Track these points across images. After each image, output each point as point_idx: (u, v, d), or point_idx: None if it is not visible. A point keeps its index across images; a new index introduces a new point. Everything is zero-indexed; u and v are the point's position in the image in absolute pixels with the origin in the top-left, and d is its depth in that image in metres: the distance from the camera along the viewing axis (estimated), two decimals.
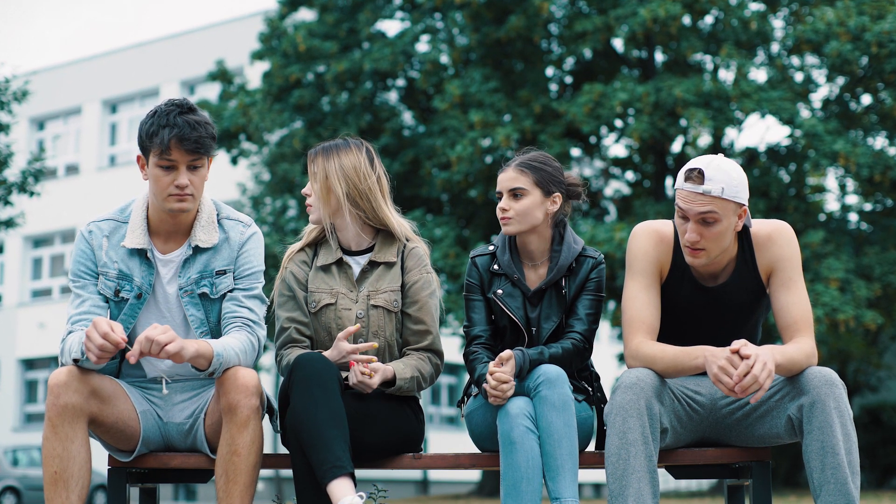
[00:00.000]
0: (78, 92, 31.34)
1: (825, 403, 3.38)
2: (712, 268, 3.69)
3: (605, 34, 17.36)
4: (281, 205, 19.05)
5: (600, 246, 15.44)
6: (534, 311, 3.94)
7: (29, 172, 14.60)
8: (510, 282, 3.96)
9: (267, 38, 19.91)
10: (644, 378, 3.47)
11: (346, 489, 3.41)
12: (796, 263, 3.64)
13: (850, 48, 15.88)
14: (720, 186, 3.48)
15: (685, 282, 3.71)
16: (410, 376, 3.85)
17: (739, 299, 3.71)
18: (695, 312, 3.73)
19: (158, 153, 3.59)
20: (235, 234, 3.81)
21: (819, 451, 3.37)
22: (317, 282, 3.98)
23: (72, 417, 3.46)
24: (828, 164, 16.26)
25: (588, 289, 3.95)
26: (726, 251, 3.64)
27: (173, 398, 3.80)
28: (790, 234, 3.67)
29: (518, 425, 3.58)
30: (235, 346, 3.59)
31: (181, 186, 3.62)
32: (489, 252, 4.03)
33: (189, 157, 3.61)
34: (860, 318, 15.54)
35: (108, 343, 3.36)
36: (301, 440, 3.53)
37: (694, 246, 3.55)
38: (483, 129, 16.92)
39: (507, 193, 3.93)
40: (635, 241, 3.73)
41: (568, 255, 3.94)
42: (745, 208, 3.56)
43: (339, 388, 3.60)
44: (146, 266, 3.74)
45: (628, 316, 3.67)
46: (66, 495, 3.44)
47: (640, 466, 3.39)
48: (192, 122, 3.60)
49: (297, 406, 3.55)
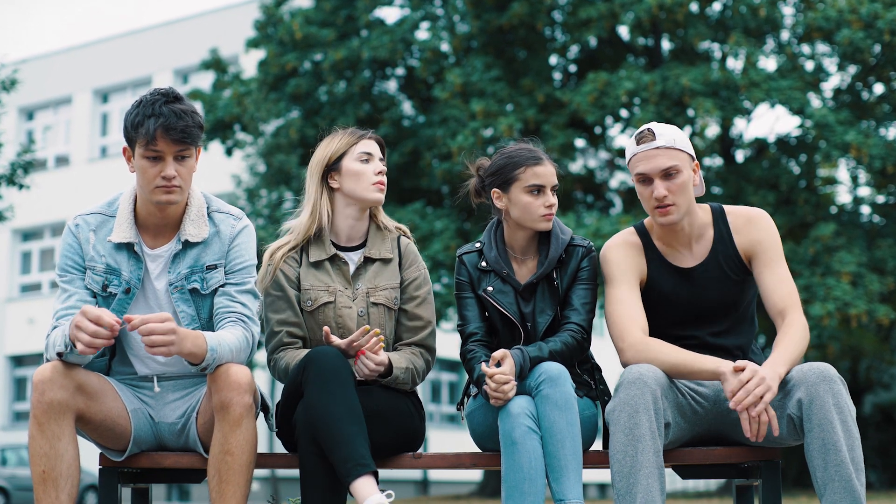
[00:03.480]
0: (68, 81, 31.32)
1: (824, 400, 3.39)
2: (688, 246, 3.84)
3: (610, 21, 17.33)
4: (277, 197, 19.03)
5: (605, 239, 15.42)
6: (527, 307, 3.94)
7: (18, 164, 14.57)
8: (500, 278, 3.96)
9: (262, 26, 19.88)
10: (648, 373, 3.48)
11: (371, 488, 3.42)
12: (778, 245, 3.80)
13: (863, 36, 15.85)
14: (672, 138, 3.74)
15: (665, 273, 3.84)
16: (406, 367, 3.87)
17: (721, 276, 3.81)
18: (681, 298, 3.83)
19: (144, 144, 3.58)
20: (226, 228, 3.80)
21: (821, 449, 3.38)
22: (310, 279, 3.97)
23: (58, 414, 3.45)
24: (839, 155, 16.23)
25: (581, 278, 3.95)
26: (700, 225, 3.82)
27: (165, 397, 3.79)
28: (769, 219, 3.85)
29: (520, 425, 3.58)
30: (230, 341, 3.58)
31: (168, 178, 3.61)
32: (476, 249, 4.04)
33: (175, 148, 3.60)
34: (873, 313, 15.52)
35: (102, 328, 3.34)
36: (318, 437, 3.52)
37: (663, 202, 3.72)
38: (485, 118, 16.90)
39: (550, 189, 3.95)
40: (609, 254, 3.88)
41: (557, 246, 3.95)
42: (696, 163, 3.81)
43: (354, 384, 3.62)
44: (134, 260, 3.74)
45: (619, 315, 3.75)
46: (55, 495, 3.43)
47: (648, 462, 3.38)
48: (178, 112, 3.58)
49: (313, 402, 3.54)
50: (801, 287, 15.78)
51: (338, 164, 4.02)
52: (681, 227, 3.81)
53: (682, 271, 3.83)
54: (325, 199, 4.04)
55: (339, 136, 4.07)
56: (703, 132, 18.72)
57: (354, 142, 4.04)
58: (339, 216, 4.04)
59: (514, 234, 3.99)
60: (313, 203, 4.03)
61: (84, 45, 31.91)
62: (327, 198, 4.04)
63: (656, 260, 3.86)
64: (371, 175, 4.00)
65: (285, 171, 18.36)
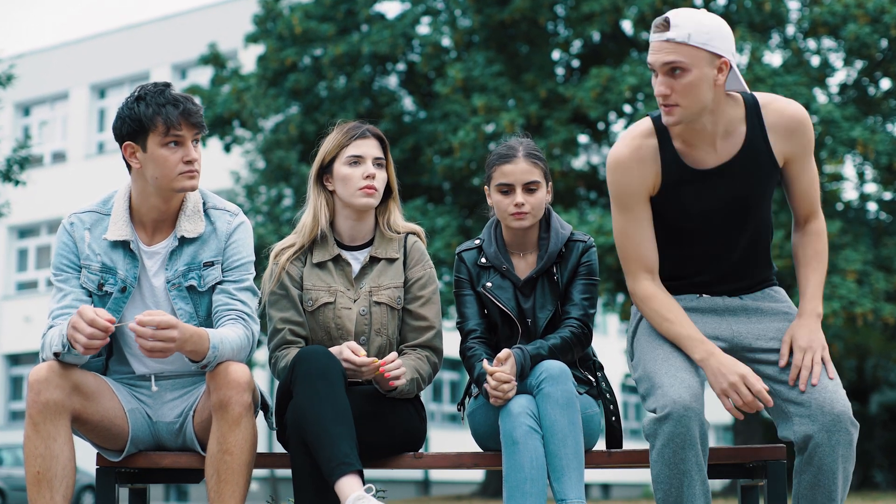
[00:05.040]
0: (65, 76, 31.32)
1: (834, 450, 3.28)
2: (712, 144, 3.50)
3: (614, 16, 17.32)
4: (276, 194, 19.02)
5: (609, 237, 15.42)
6: (527, 302, 3.94)
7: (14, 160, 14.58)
8: (499, 273, 3.96)
9: (262, 20, 19.87)
10: (694, 404, 3.29)
11: (355, 487, 3.40)
12: (812, 143, 3.55)
13: (869, 31, 15.84)
14: (686, 32, 3.33)
15: (684, 180, 3.53)
16: (410, 378, 3.84)
17: (749, 179, 3.52)
18: (696, 207, 3.55)
19: (165, 131, 3.61)
20: (223, 224, 3.80)
21: (811, 487, 3.33)
22: (313, 279, 3.96)
23: (54, 414, 3.45)
24: (845, 151, 16.22)
25: (581, 273, 3.95)
26: (729, 121, 3.49)
27: (163, 396, 3.79)
28: (808, 119, 3.56)
29: (521, 424, 3.58)
30: (232, 339, 3.58)
31: (192, 160, 3.65)
32: (475, 246, 4.04)
33: (194, 131, 3.66)
34: (879, 311, 15.52)
35: (97, 330, 3.35)
36: (305, 437, 3.52)
37: (665, 101, 3.39)
38: (486, 114, 16.90)
39: (522, 187, 3.92)
40: (616, 172, 3.55)
41: (557, 241, 3.95)
42: (724, 60, 3.38)
43: (344, 383, 3.60)
44: (130, 259, 3.74)
45: (623, 254, 3.58)
46: (49, 496, 3.43)
47: (693, 495, 3.32)
48: (188, 97, 3.67)
49: (301, 402, 3.54)
50: None
51: (330, 166, 3.99)
52: (701, 125, 3.46)
53: (702, 174, 3.51)
54: (323, 201, 4.02)
55: (334, 135, 4.02)
56: None
57: (345, 143, 3.97)
58: (339, 217, 4.03)
59: (506, 230, 4.00)
60: (313, 206, 4.02)
61: (81, 39, 31.91)
62: (325, 200, 4.03)
63: (671, 167, 3.52)
64: (358, 180, 3.93)
65: (285, 167, 18.34)
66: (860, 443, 24.09)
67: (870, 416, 22.75)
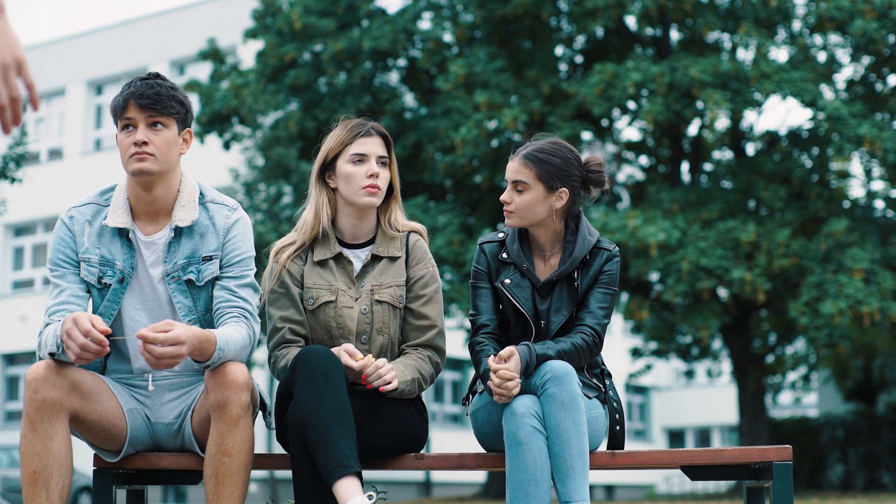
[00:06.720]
0: (62, 72, 31.31)
1: None
2: None
3: (618, 11, 17.31)
4: (276, 191, 19.01)
5: (612, 235, 15.42)
6: (543, 304, 3.93)
7: (10, 157, 14.57)
8: (519, 272, 3.95)
9: (261, 16, 19.87)
10: None
11: (353, 489, 3.39)
12: None
13: (876, 26, 15.83)
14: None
15: None
16: (411, 378, 3.83)
17: None
18: None
19: (118, 116, 3.67)
20: (220, 219, 3.79)
21: None
22: (314, 277, 3.95)
23: (51, 414, 3.43)
24: (852, 148, 16.22)
25: (601, 282, 3.93)
26: None
27: (161, 397, 3.78)
28: None
29: (525, 425, 3.57)
30: (236, 339, 3.57)
31: (138, 143, 3.64)
32: (498, 239, 4.02)
33: (146, 114, 3.65)
34: (886, 310, 15.51)
35: (91, 343, 3.33)
36: (305, 438, 3.51)
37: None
38: (489, 110, 16.90)
39: (511, 185, 3.93)
40: None
41: (582, 247, 3.93)
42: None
43: (345, 383, 3.59)
44: (127, 248, 3.74)
45: None
46: (45, 496, 3.42)
47: None
48: (152, 84, 3.67)
49: (301, 402, 3.53)
50: (813, 284, 15.76)
51: (333, 163, 3.98)
52: None
53: None
54: (325, 198, 4.01)
55: (337, 132, 4.00)
56: (713, 124, 18.69)
57: (349, 140, 3.95)
58: (341, 215, 4.02)
59: (535, 232, 3.98)
60: (314, 203, 4.01)
61: (78, 35, 31.90)
62: (327, 197, 4.01)
63: None
64: (361, 178, 3.91)
65: (284, 164, 18.34)
66: (867, 443, 24.04)
67: (877, 417, 22.75)
